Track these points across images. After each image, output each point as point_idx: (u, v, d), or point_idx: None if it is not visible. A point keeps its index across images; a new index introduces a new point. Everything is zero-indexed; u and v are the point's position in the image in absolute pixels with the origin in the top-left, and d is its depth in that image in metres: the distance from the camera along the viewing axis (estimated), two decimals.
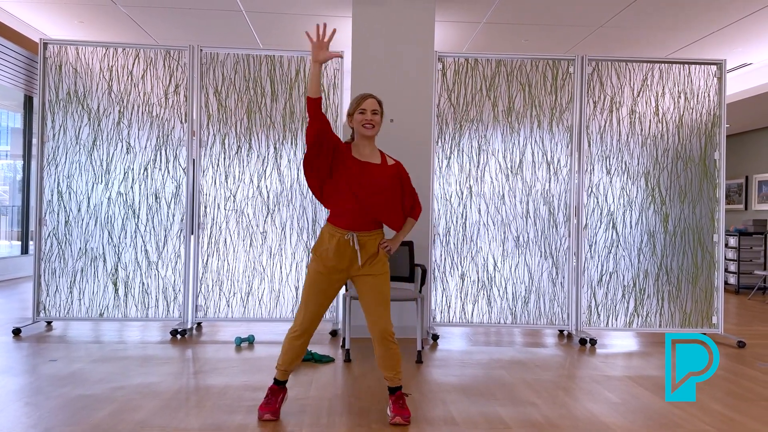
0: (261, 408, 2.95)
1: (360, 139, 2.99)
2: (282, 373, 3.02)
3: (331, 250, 2.91)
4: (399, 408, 2.91)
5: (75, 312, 4.97)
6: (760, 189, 9.72)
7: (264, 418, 2.92)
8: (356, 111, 2.95)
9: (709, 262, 5.11)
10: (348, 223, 2.91)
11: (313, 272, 2.95)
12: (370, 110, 2.94)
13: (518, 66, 5.09)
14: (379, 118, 2.97)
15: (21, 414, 2.94)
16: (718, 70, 5.15)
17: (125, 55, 5.04)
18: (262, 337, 4.89)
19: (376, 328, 2.89)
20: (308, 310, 2.93)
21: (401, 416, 2.89)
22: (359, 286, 2.98)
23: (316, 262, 2.95)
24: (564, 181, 5.08)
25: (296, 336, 2.95)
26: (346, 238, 2.90)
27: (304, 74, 5.07)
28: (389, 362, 2.92)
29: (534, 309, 5.05)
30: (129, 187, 5.00)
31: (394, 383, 2.96)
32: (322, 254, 2.94)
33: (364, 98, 2.97)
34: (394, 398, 2.96)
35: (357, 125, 2.96)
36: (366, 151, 2.98)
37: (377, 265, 2.96)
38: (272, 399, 2.98)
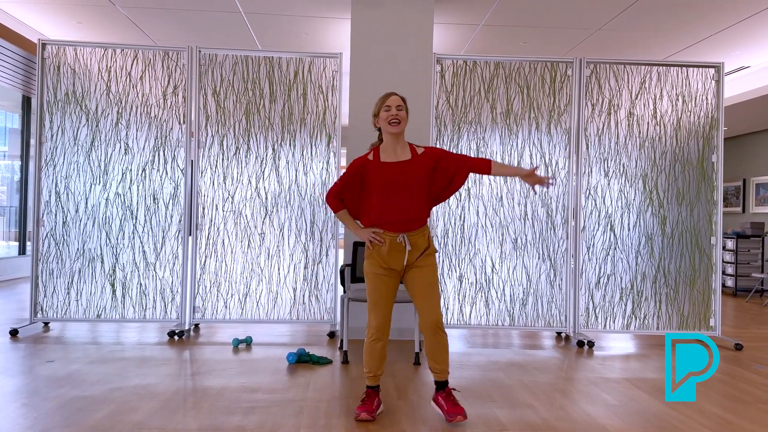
0: (358, 408, 2.98)
1: (388, 138, 3.01)
2: (372, 378, 3.05)
3: (385, 251, 2.96)
4: (453, 405, 2.93)
5: (72, 313, 4.96)
6: (757, 192, 9.74)
7: (360, 417, 2.93)
8: (381, 109, 2.99)
9: (707, 265, 5.11)
10: (394, 226, 2.96)
11: (372, 275, 3.00)
12: (395, 106, 2.97)
13: (517, 68, 5.10)
14: (404, 113, 2.99)
15: (18, 415, 2.93)
16: (716, 73, 5.16)
17: (124, 56, 5.04)
18: (260, 338, 4.89)
19: (427, 318, 2.94)
20: (378, 313, 2.98)
21: (460, 414, 2.89)
22: (408, 278, 3.03)
23: (372, 265, 3.00)
24: (562, 183, 5.08)
25: (374, 341, 2.99)
26: (399, 240, 2.95)
27: (303, 76, 5.07)
28: (439, 353, 2.97)
29: (532, 311, 5.05)
30: (127, 188, 5.00)
31: (442, 377, 3.00)
32: (376, 256, 2.99)
33: (387, 96, 3.01)
34: (445, 395, 2.98)
35: (383, 123, 2.98)
36: (397, 149, 3.01)
37: (426, 257, 3.01)
38: (368, 401, 3.01)
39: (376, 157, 3.01)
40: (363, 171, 3.01)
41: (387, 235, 2.96)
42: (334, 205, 3.10)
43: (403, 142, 3.03)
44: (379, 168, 2.97)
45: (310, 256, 5.05)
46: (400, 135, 3.01)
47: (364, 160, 3.02)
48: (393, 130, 2.96)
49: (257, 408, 3.12)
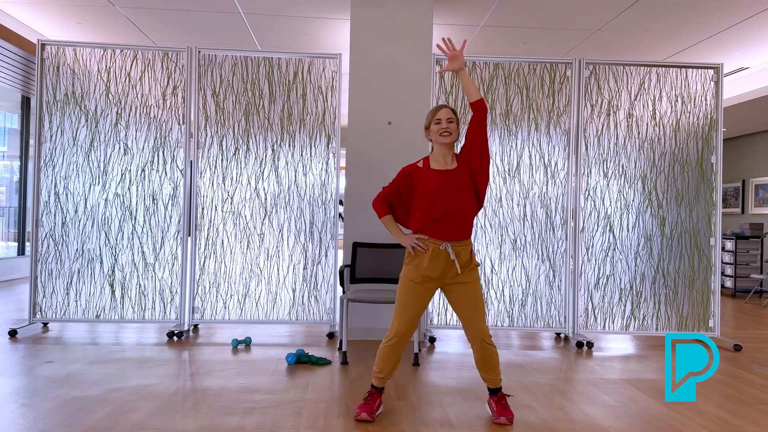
0: (359, 407, 2.99)
1: (439, 149, 3.06)
2: (379, 380, 3.06)
3: (426, 259, 2.97)
4: (502, 409, 3.00)
5: (71, 313, 4.96)
6: (756, 193, 9.75)
7: (360, 417, 2.95)
8: (432, 122, 3.04)
9: (706, 266, 5.12)
10: (440, 233, 2.97)
11: (408, 281, 3.01)
12: (445, 119, 3.02)
13: (516, 69, 5.10)
14: (455, 125, 3.04)
15: (17, 415, 2.93)
16: (715, 74, 5.17)
17: (123, 57, 5.04)
18: (259, 339, 4.89)
19: (475, 333, 2.98)
20: (403, 319, 2.99)
21: (506, 417, 2.97)
22: (452, 294, 3.04)
23: (411, 272, 3.02)
24: (561, 184, 5.09)
25: (392, 344, 3.00)
26: (442, 248, 2.96)
27: (302, 76, 5.07)
28: (489, 364, 3.03)
29: (531, 312, 5.05)
30: (126, 189, 5.00)
31: (494, 384, 3.05)
32: (417, 264, 3.00)
33: (438, 109, 3.07)
34: (496, 399, 3.04)
35: (434, 136, 3.04)
36: (447, 159, 3.05)
37: (470, 273, 3.03)
38: (370, 400, 3.02)
39: (426, 165, 3.06)
40: (412, 178, 3.05)
41: (431, 242, 2.98)
42: (381, 209, 3.13)
43: (453, 153, 3.09)
44: (429, 175, 3.01)
45: (310, 256, 5.05)
46: (451, 146, 3.07)
47: (413, 168, 3.08)
48: (445, 140, 3.01)
49: (256, 408, 3.12)
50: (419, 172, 3.05)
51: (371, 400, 3.02)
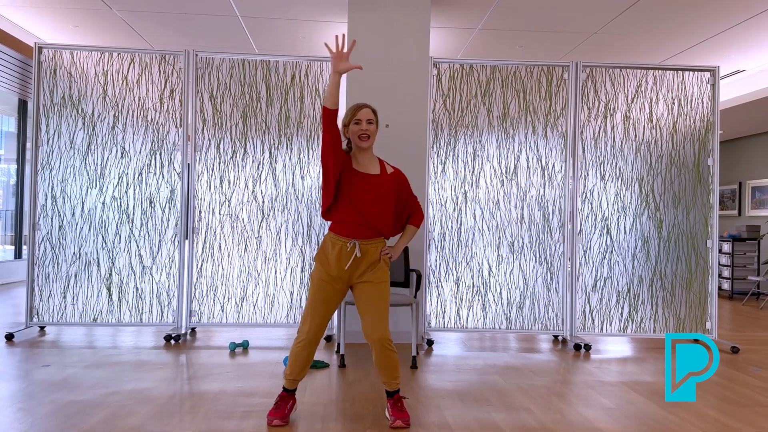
0: (270, 413, 2.95)
1: (357, 150, 3.00)
2: (290, 382, 3.03)
3: (333, 257, 2.93)
4: (398, 411, 2.93)
5: (68, 317, 4.95)
6: (753, 195, 9.77)
7: (273, 423, 2.91)
8: (351, 121, 2.96)
9: (703, 268, 5.12)
10: (350, 231, 2.93)
11: (317, 280, 2.97)
12: (365, 120, 2.95)
13: (513, 72, 5.11)
14: (374, 127, 2.98)
15: (13, 420, 2.92)
16: (712, 77, 5.18)
17: (120, 60, 5.04)
18: (257, 342, 4.88)
19: (374, 335, 2.88)
20: (313, 319, 2.94)
21: (401, 419, 2.90)
22: (358, 292, 2.99)
23: (319, 270, 2.98)
24: (558, 186, 5.09)
25: (302, 346, 2.96)
26: (349, 246, 2.92)
27: (300, 79, 5.08)
28: (387, 368, 2.94)
29: (529, 314, 5.06)
30: (123, 192, 4.99)
31: (392, 387, 2.99)
32: (324, 262, 2.97)
33: (358, 108, 2.97)
34: (393, 401, 2.98)
35: (353, 136, 2.97)
36: (365, 161, 3.00)
37: (378, 272, 2.98)
38: (281, 405, 2.98)
39: (350, 162, 2.99)
40: (346, 160, 2.97)
41: (339, 241, 2.94)
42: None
43: (371, 155, 3.03)
44: (353, 173, 2.95)
45: (307, 259, 5.05)
46: (370, 148, 3.01)
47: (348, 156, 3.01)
48: (363, 144, 2.95)
49: (254, 412, 3.11)
50: (347, 163, 2.96)
51: (282, 405, 2.97)
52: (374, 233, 2.97)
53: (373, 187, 2.94)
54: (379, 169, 3.02)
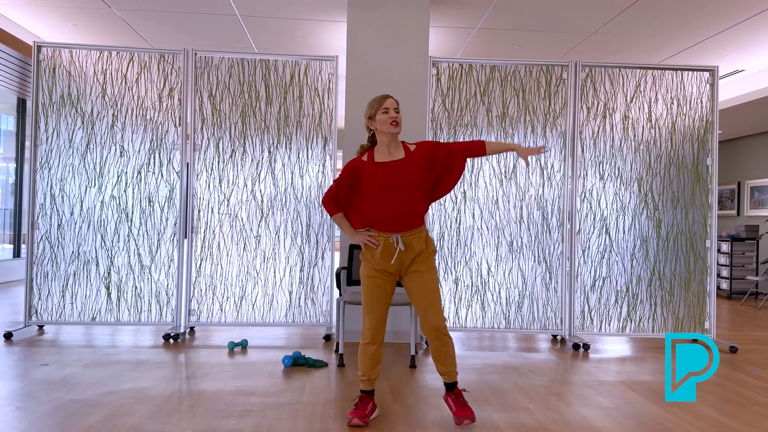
0: (351, 413, 2.95)
1: (384, 139, 3.00)
2: (365, 382, 3.03)
3: (378, 253, 2.96)
4: (461, 408, 2.94)
5: (67, 316, 4.95)
6: (752, 195, 9.78)
7: (352, 422, 2.91)
8: (378, 112, 2.98)
9: (702, 268, 5.13)
10: (389, 227, 2.95)
11: (366, 278, 3.00)
12: (393, 108, 2.98)
13: (512, 71, 5.11)
14: (400, 115, 3.01)
15: (12, 419, 2.92)
16: (711, 77, 5.19)
17: (119, 59, 5.03)
18: (256, 341, 4.88)
19: (430, 324, 2.92)
20: (372, 317, 2.97)
21: (468, 418, 2.90)
22: (408, 283, 3.02)
23: (366, 267, 3.01)
24: (557, 186, 5.09)
25: (368, 343, 2.98)
26: (391, 240, 2.94)
27: (299, 78, 5.07)
28: (444, 356, 2.97)
29: (527, 314, 5.06)
30: (122, 191, 4.99)
31: (450, 378, 3.00)
32: (369, 258, 2.99)
33: (384, 98, 3.00)
34: (454, 397, 2.98)
35: (382, 125, 2.97)
36: (392, 149, 3.01)
37: (424, 262, 3.00)
38: (362, 405, 2.99)
39: (371, 158, 3.01)
40: (358, 172, 3.01)
41: (381, 237, 2.96)
42: (331, 207, 3.09)
43: (397, 141, 3.04)
44: (374, 168, 2.97)
45: (306, 258, 5.05)
46: (397, 136, 3.02)
47: (358, 162, 3.02)
48: (394, 130, 2.97)
49: (252, 411, 3.12)
50: (365, 166, 2.99)
51: (362, 405, 2.99)
52: (413, 223, 2.97)
53: (399, 172, 2.95)
54: (404, 153, 3.02)
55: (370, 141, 3.08)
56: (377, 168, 2.96)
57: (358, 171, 3.01)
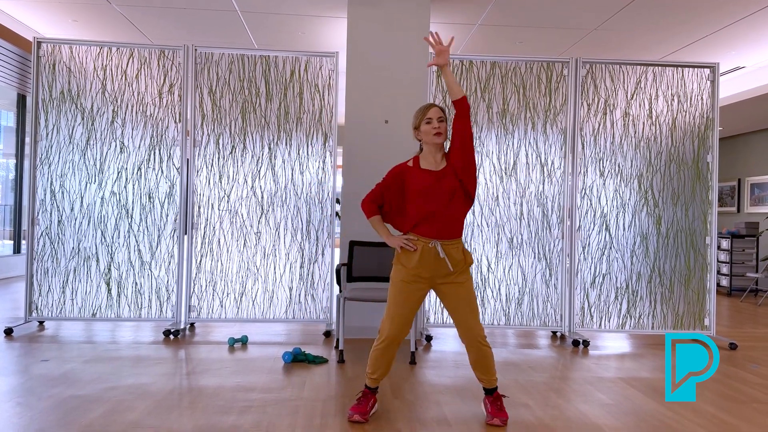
0: (352, 408, 2.97)
1: (429, 148, 3.02)
2: (373, 380, 3.03)
3: (416, 258, 2.94)
4: (497, 410, 2.97)
5: (67, 312, 4.95)
6: (752, 192, 9.78)
7: (353, 418, 2.93)
8: (422, 122, 3.00)
9: (702, 264, 5.13)
10: (431, 232, 2.94)
11: (398, 282, 2.98)
12: (436, 118, 2.98)
13: (513, 68, 5.11)
14: (445, 125, 3.01)
15: (12, 414, 2.93)
16: (712, 73, 5.18)
17: (119, 55, 5.03)
18: (256, 337, 4.89)
19: (471, 335, 2.95)
20: (395, 320, 2.95)
21: (499, 418, 2.94)
22: (445, 295, 3.01)
23: (400, 271, 2.99)
24: (558, 183, 5.09)
25: (384, 347, 2.97)
26: (431, 246, 2.93)
27: (299, 75, 5.07)
28: (484, 366, 3.00)
29: (527, 310, 5.06)
30: (122, 187, 4.99)
31: (490, 384, 3.02)
32: (405, 263, 2.97)
33: (428, 108, 3.02)
34: (492, 399, 3.02)
35: (426, 136, 2.99)
36: (436, 158, 3.02)
37: (463, 273, 3.00)
38: (363, 401, 3.00)
39: (416, 164, 3.03)
40: (402, 177, 3.03)
41: (420, 241, 2.95)
42: (369, 209, 3.08)
43: (443, 151, 3.06)
44: (419, 173, 2.99)
45: (306, 255, 5.05)
46: (442, 145, 3.04)
47: (404, 167, 3.05)
48: (437, 141, 2.97)
49: (253, 407, 3.12)
50: (410, 171, 3.02)
51: (364, 401, 3.00)
52: (453, 232, 2.97)
53: (440, 183, 2.95)
54: (446, 162, 3.03)
55: (420, 149, 3.10)
56: (422, 174, 2.98)
57: (403, 175, 3.03)
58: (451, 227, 2.97)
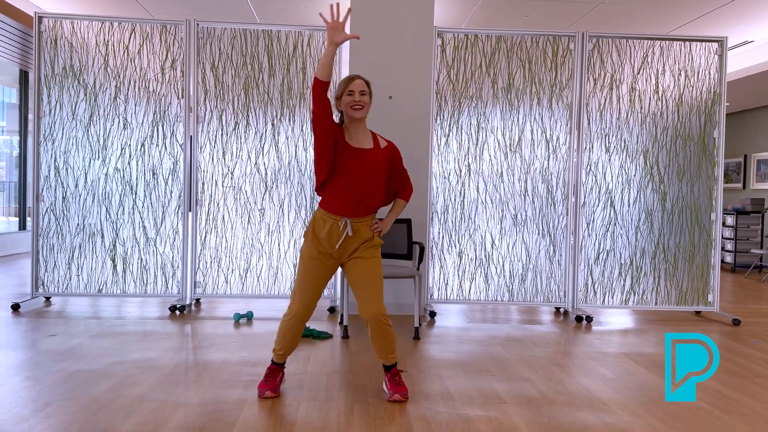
0: (261, 386, 2.96)
1: (350, 123, 2.93)
2: (280, 356, 3.02)
3: (324, 235, 2.90)
4: (396, 385, 2.93)
5: (74, 288, 4.98)
6: (758, 168, 9.72)
7: (265, 395, 2.93)
8: (344, 93, 2.89)
9: (707, 241, 5.12)
10: (342, 209, 2.89)
11: (307, 257, 2.93)
12: (358, 91, 2.88)
13: (518, 42, 5.05)
14: (367, 98, 2.91)
15: (21, 388, 2.96)
16: (720, 48, 5.11)
17: (121, 30, 4.98)
18: (261, 313, 4.92)
19: (370, 311, 2.86)
20: (303, 296, 2.91)
21: (399, 393, 2.91)
22: (350, 269, 2.96)
23: (309, 248, 2.93)
24: (563, 159, 5.07)
25: (292, 322, 2.94)
26: (341, 225, 2.89)
27: (302, 50, 5.03)
28: (384, 344, 2.93)
29: (531, 287, 5.07)
30: (126, 163, 4.98)
31: (388, 361, 2.98)
32: (314, 240, 2.93)
33: (351, 80, 2.90)
34: (390, 375, 2.98)
35: (345, 108, 2.90)
36: (358, 134, 2.94)
37: (370, 249, 2.95)
38: (271, 377, 2.99)
39: (343, 136, 2.92)
40: (339, 133, 2.89)
41: (330, 218, 2.89)
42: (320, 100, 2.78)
43: (364, 128, 2.96)
44: (347, 147, 2.88)
45: None
46: (362, 120, 2.94)
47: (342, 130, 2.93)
48: (356, 115, 2.88)
49: (258, 381, 3.15)
50: (339, 137, 2.89)
51: (272, 377, 2.98)
52: (366, 211, 2.93)
53: (366, 163, 2.89)
54: (372, 143, 2.96)
55: (340, 120, 2.98)
56: (348, 149, 2.88)
57: (339, 134, 2.89)
58: (366, 207, 2.91)
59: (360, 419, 2.68)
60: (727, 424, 2.73)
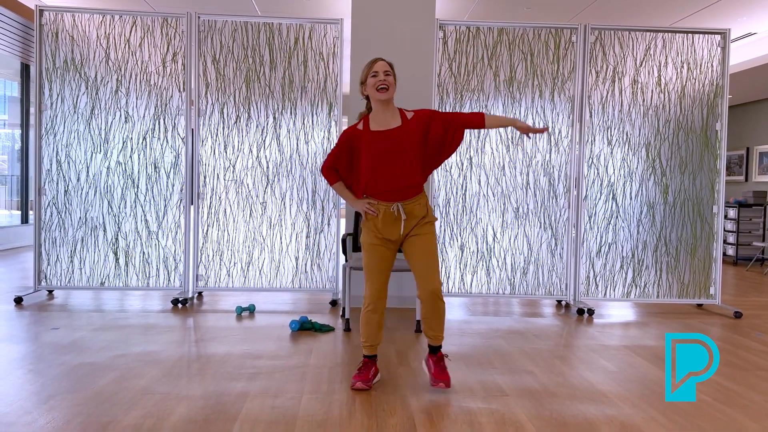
0: (354, 377, 2.98)
1: (377, 106, 2.95)
2: (368, 348, 3.04)
3: (380, 221, 2.94)
4: (441, 372, 2.95)
5: (76, 281, 5.00)
6: (761, 160, 9.70)
7: (355, 386, 2.94)
8: (368, 76, 2.92)
9: (708, 234, 5.12)
10: (388, 196, 2.92)
11: (367, 245, 2.98)
12: (382, 71, 2.90)
13: (520, 35, 5.03)
14: (392, 79, 2.92)
15: (24, 381, 2.97)
16: (722, 40, 5.09)
17: (122, 23, 4.98)
18: (263, 306, 4.93)
19: (428, 287, 2.90)
20: (373, 284, 2.96)
21: (444, 382, 2.92)
22: (407, 247, 2.99)
23: (368, 235, 2.99)
24: (565, 152, 5.06)
25: (370, 311, 2.98)
26: (392, 209, 2.92)
27: (303, 43, 5.01)
28: (435, 320, 2.95)
29: (533, 280, 5.08)
30: (128, 157, 4.99)
31: (437, 341, 3.00)
32: (371, 227, 2.97)
33: (374, 62, 2.93)
34: (435, 359, 2.99)
35: (371, 90, 2.92)
36: (386, 116, 2.95)
37: (425, 226, 2.98)
38: (365, 370, 3.01)
39: (366, 126, 2.95)
40: (353, 141, 2.96)
41: (381, 205, 2.93)
42: (330, 177, 3.06)
43: (392, 108, 2.97)
44: (370, 137, 2.91)
45: (312, 225, 5.06)
46: (389, 101, 2.95)
47: (353, 130, 2.97)
48: (381, 96, 2.90)
49: (260, 374, 3.16)
50: (359, 134, 2.94)
51: (365, 369, 3.02)
52: (411, 192, 2.94)
53: (394, 141, 2.89)
54: (401, 120, 2.96)
55: (367, 107, 3.02)
56: (372, 136, 2.91)
57: (353, 139, 2.96)
58: (409, 188, 2.93)
59: (362, 412, 2.69)
60: (728, 416, 2.73)
